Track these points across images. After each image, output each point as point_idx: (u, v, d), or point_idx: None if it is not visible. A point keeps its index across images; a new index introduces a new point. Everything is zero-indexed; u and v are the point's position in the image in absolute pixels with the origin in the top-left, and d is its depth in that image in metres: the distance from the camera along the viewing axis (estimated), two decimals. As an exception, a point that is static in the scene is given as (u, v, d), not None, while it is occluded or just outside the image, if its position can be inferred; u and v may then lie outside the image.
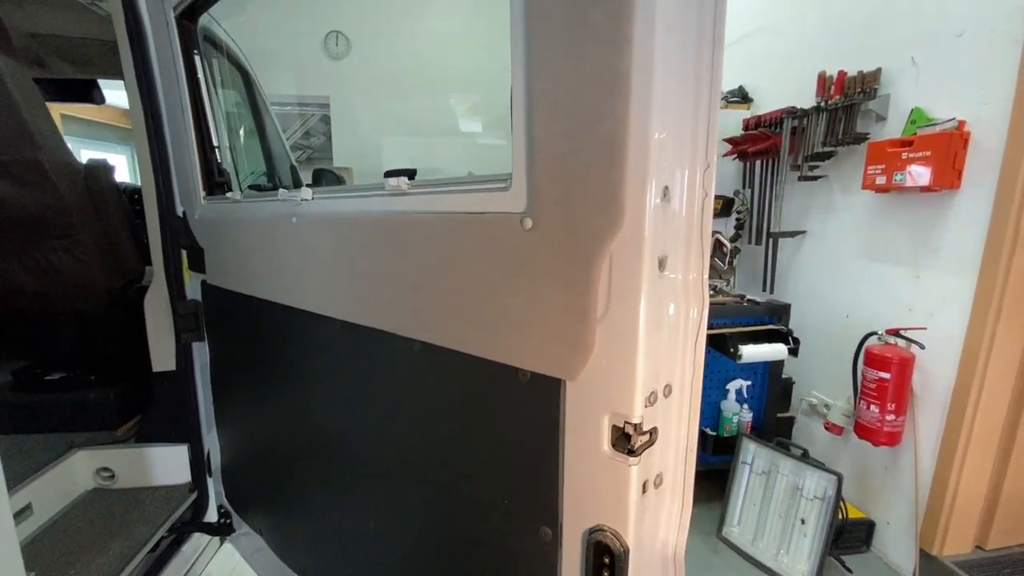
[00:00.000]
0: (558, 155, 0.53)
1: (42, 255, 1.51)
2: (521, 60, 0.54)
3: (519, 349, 0.61)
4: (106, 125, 6.18)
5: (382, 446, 0.87)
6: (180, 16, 1.20)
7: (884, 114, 2.13)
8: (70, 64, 2.09)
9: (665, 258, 0.51)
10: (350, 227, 0.83)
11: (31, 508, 1.39)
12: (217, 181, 1.33)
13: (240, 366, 1.34)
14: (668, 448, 0.57)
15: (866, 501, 2.26)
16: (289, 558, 1.24)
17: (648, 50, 0.45)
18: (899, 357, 1.96)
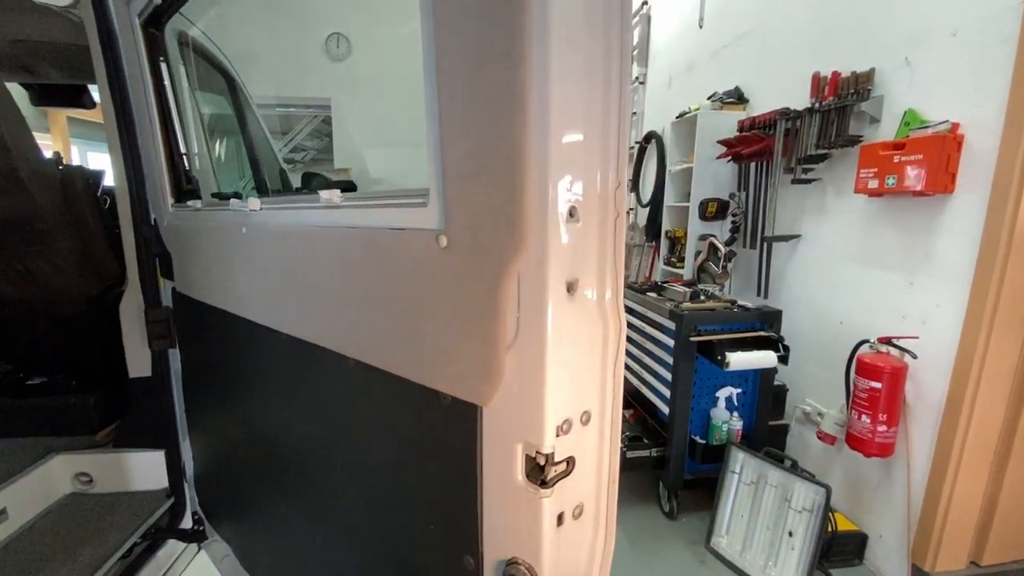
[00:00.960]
0: (466, 174, 0.50)
1: (19, 261, 1.52)
2: (432, 76, 0.52)
3: (440, 372, 0.59)
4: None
5: (325, 463, 0.86)
6: (145, 23, 1.20)
7: (877, 116, 2.08)
8: (58, 70, 2.10)
9: (576, 281, 0.49)
10: (292, 239, 0.82)
11: (6, 512, 1.40)
12: (186, 188, 1.32)
13: (205, 375, 1.33)
14: (587, 478, 0.54)
15: (858, 513, 2.21)
16: (249, 565, 1.24)
17: (544, 66, 0.42)
18: (891, 366, 1.91)
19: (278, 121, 6.20)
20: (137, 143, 1.38)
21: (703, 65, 3.53)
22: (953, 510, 1.85)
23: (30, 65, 2.04)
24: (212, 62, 1.90)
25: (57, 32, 1.81)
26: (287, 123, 6.25)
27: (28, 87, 2.30)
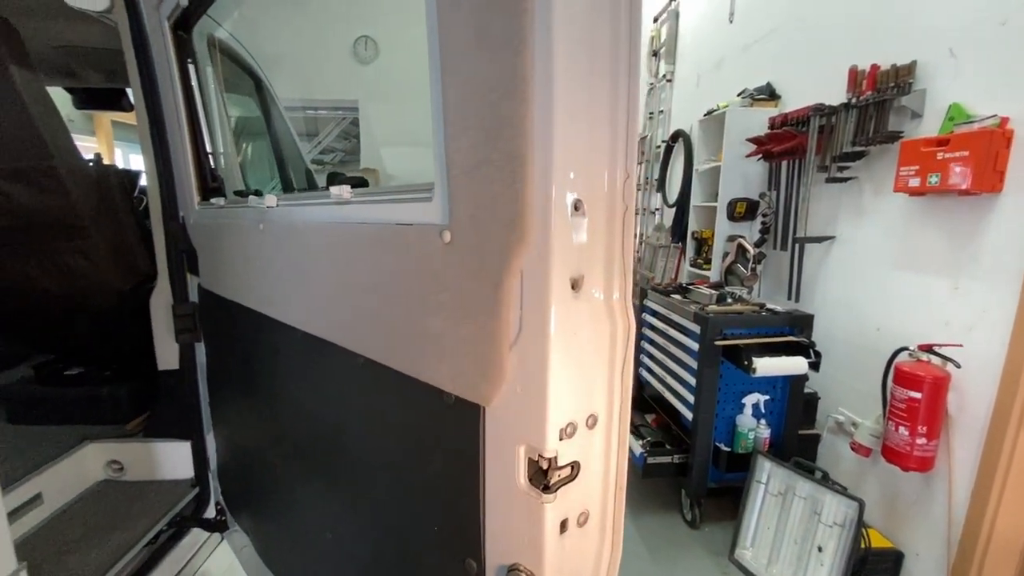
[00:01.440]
0: (469, 167, 0.49)
1: (58, 257, 1.59)
2: (436, 67, 0.50)
3: (444, 371, 0.58)
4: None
5: (335, 459, 0.86)
6: (174, 26, 1.23)
7: (919, 111, 1.97)
8: (98, 73, 2.20)
9: (580, 278, 0.47)
10: (305, 235, 0.82)
11: (41, 497, 1.46)
12: (211, 187, 1.36)
13: (227, 369, 1.36)
14: (594, 484, 0.52)
15: (894, 529, 2.10)
16: (267, 558, 1.25)
17: (547, 52, 0.40)
18: (932, 376, 1.80)
19: (308, 123, 6.35)
20: (167, 143, 1.43)
21: (733, 61, 3.43)
22: (998, 530, 1.73)
23: (72, 69, 2.15)
24: (240, 64, 1.95)
25: (95, 37, 1.89)
26: (316, 125, 6.39)
27: (71, 91, 2.42)
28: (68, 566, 1.29)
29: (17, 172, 1.45)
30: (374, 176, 5.84)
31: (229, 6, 1.24)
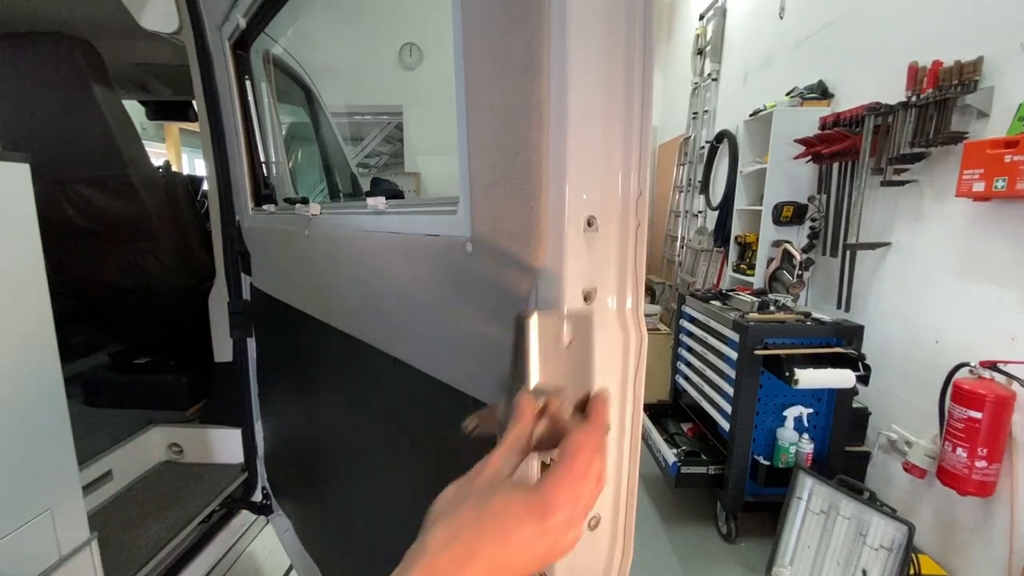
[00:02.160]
0: (489, 183, 0.52)
1: (131, 256, 1.75)
2: (461, 89, 0.54)
3: (467, 375, 0.61)
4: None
5: (367, 452, 0.91)
6: (234, 46, 1.33)
7: (986, 110, 1.83)
8: (168, 87, 2.40)
9: (593, 290, 0.48)
10: (345, 242, 0.88)
11: (111, 475, 1.61)
12: (264, 193, 1.45)
13: (275, 363, 1.46)
14: (605, 490, 0.53)
15: (949, 556, 1.96)
16: (307, 543, 1.33)
17: (562, 77, 0.43)
18: (995, 394, 1.68)
19: (354, 128, 6.59)
20: (226, 152, 1.55)
21: (783, 59, 3.31)
22: (1072, 566, 1.59)
23: (145, 84, 2.35)
24: (292, 76, 2.07)
25: (165, 54, 2.07)
26: (362, 130, 6.63)
27: (144, 103, 2.64)
28: (133, 538, 1.42)
29: (97, 180, 1.61)
30: (416, 180, 6.01)
31: (284, 25, 1.33)
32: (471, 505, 0.31)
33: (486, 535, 0.30)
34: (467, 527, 0.30)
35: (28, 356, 0.98)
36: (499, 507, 0.31)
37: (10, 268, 0.93)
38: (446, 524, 0.31)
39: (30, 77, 1.51)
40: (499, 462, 0.34)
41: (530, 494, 0.32)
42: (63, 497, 1.07)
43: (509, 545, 0.30)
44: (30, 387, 0.99)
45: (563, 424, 0.37)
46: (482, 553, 0.29)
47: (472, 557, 0.29)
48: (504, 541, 0.30)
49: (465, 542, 0.30)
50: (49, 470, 1.04)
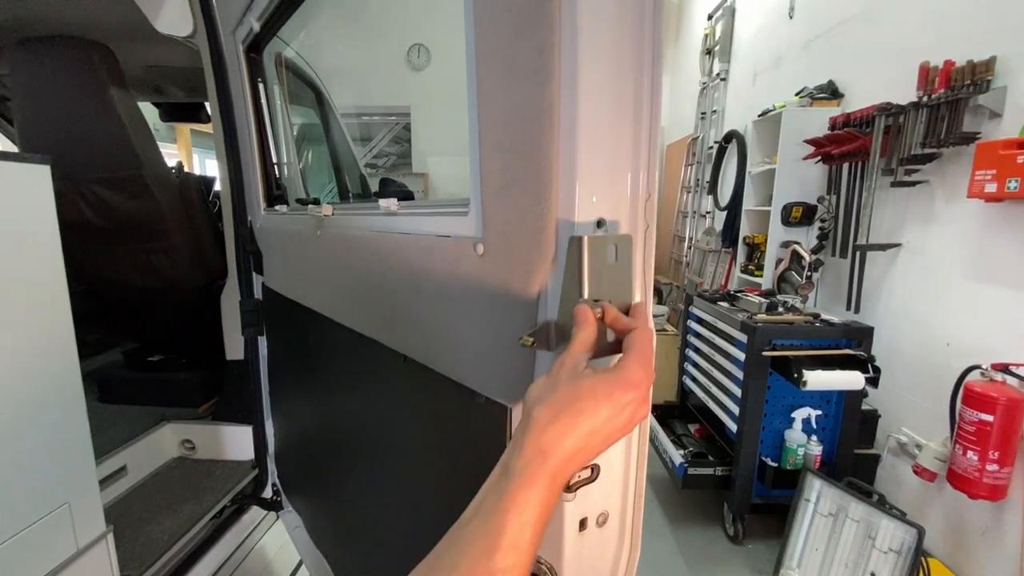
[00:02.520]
0: (500, 185, 0.53)
1: (145, 256, 1.78)
2: (473, 94, 0.55)
3: (475, 372, 0.62)
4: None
5: (380, 450, 0.92)
6: (247, 49, 1.35)
7: (999, 110, 1.82)
8: (181, 89, 2.43)
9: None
10: (357, 243, 0.89)
11: (126, 469, 1.64)
12: (275, 194, 1.48)
13: (286, 362, 1.48)
14: (614, 487, 0.54)
15: (960, 561, 1.94)
16: (316, 539, 1.35)
17: (572, 82, 0.44)
18: (1007, 397, 1.66)
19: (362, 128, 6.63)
20: (238, 153, 1.57)
21: (792, 58, 3.29)
22: (1085, 572, 1.57)
23: (158, 86, 2.39)
24: (302, 77, 2.10)
25: (180, 58, 2.10)
26: (371, 130, 6.67)
27: (157, 105, 2.68)
28: (147, 532, 1.45)
29: (113, 180, 1.64)
30: (424, 180, 6.03)
31: (296, 28, 1.35)
32: (564, 390, 0.37)
33: (581, 411, 0.36)
34: (564, 406, 0.37)
35: (48, 353, 1.01)
36: (587, 389, 0.37)
37: (31, 267, 0.95)
38: (547, 405, 0.37)
39: (49, 80, 1.54)
40: (574, 360, 0.40)
41: (611, 377, 0.38)
42: (81, 491, 1.09)
43: (598, 417, 0.37)
44: (50, 384, 1.01)
45: (623, 324, 0.43)
46: (579, 424, 0.36)
47: (571, 428, 0.36)
48: (595, 415, 0.37)
49: (564, 417, 0.36)
50: (67, 465, 1.06)
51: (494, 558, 0.33)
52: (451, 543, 0.36)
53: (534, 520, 0.34)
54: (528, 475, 0.35)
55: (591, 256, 0.44)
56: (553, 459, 0.35)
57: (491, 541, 0.33)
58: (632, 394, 0.38)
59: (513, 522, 0.34)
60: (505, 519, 0.34)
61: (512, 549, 0.33)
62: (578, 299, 0.45)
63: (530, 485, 0.35)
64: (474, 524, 0.35)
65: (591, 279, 0.45)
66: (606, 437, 0.38)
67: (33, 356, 0.94)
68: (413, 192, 1.14)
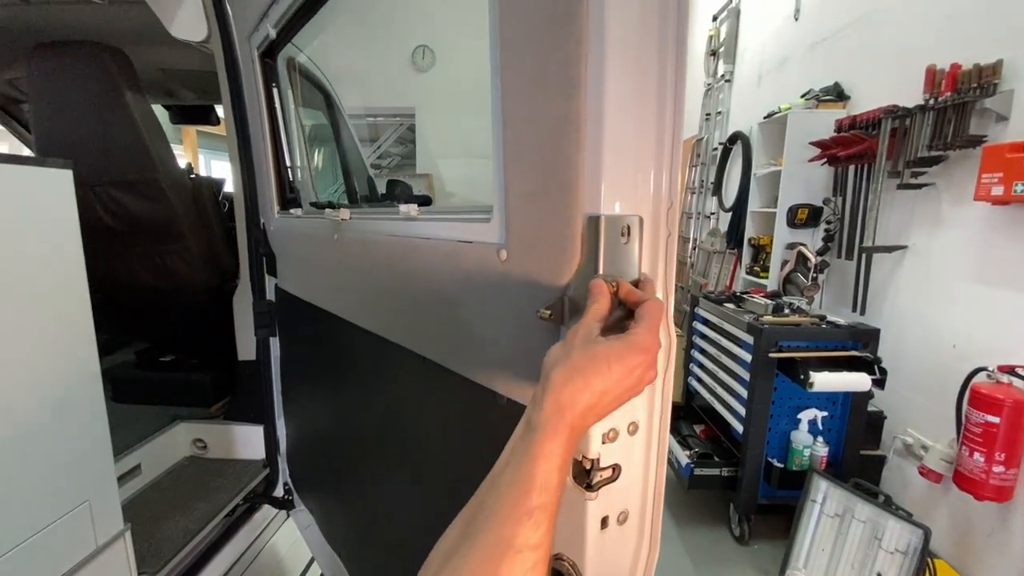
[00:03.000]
0: (525, 194, 0.54)
1: (159, 258, 1.80)
2: (498, 106, 0.56)
3: (497, 374, 0.64)
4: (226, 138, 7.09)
5: (397, 450, 0.94)
6: (262, 55, 1.37)
7: (1005, 113, 1.82)
8: (192, 92, 2.46)
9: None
10: (375, 246, 0.91)
11: (140, 468, 1.66)
12: (289, 197, 1.50)
13: (299, 362, 1.50)
14: (633, 486, 0.56)
15: (966, 562, 1.95)
16: (330, 537, 1.37)
17: (598, 98, 0.45)
18: (1013, 399, 1.67)
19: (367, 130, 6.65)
20: (252, 157, 1.59)
21: (797, 60, 3.30)
22: (1092, 573, 1.58)
23: (170, 89, 2.41)
24: (312, 80, 2.12)
25: (192, 61, 2.12)
26: (375, 131, 6.69)
27: (168, 107, 2.71)
28: (162, 530, 1.47)
29: (128, 183, 1.66)
30: (428, 181, 6.06)
31: (311, 34, 1.37)
32: (577, 354, 0.41)
33: (594, 372, 0.40)
34: (578, 367, 0.41)
35: (70, 354, 1.03)
36: (601, 353, 0.41)
37: (54, 270, 0.97)
38: (562, 367, 0.41)
39: (65, 84, 1.56)
40: (587, 328, 0.44)
41: (622, 342, 0.42)
42: (100, 489, 1.11)
43: (611, 378, 0.41)
44: (72, 384, 1.03)
45: (636, 296, 0.47)
46: (592, 384, 0.40)
47: (585, 387, 0.40)
48: (607, 376, 0.41)
49: (579, 378, 0.40)
50: (87, 463, 1.08)
51: (530, 497, 0.38)
52: (489, 489, 0.41)
53: (558, 466, 0.39)
54: (550, 428, 0.39)
55: (606, 235, 0.47)
56: (570, 414, 0.40)
57: (525, 484, 0.38)
58: (641, 358, 0.42)
59: (542, 467, 0.38)
60: (535, 465, 0.39)
61: (543, 490, 0.38)
62: (593, 275, 0.48)
63: (552, 436, 0.39)
64: (508, 471, 0.40)
65: (606, 256, 0.48)
66: (618, 396, 0.42)
67: (56, 357, 0.96)
68: (429, 197, 1.16)
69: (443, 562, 0.39)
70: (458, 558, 0.37)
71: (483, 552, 0.37)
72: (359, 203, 2.16)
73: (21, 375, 0.89)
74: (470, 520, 0.40)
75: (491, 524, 0.38)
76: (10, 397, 0.87)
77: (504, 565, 0.36)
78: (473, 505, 0.42)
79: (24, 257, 0.90)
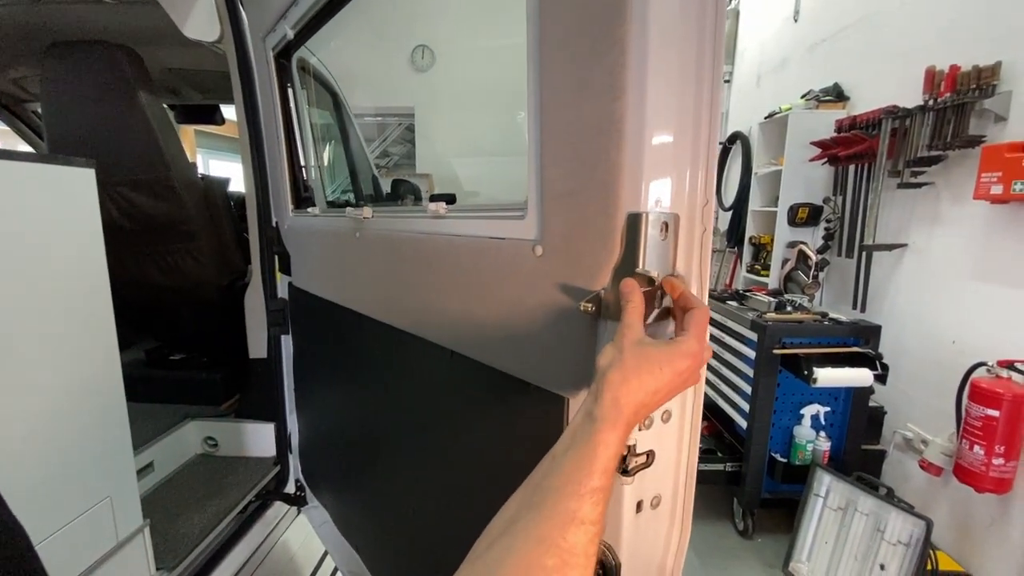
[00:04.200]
0: (563, 192, 0.57)
1: (170, 256, 1.81)
2: (535, 106, 0.59)
3: (531, 366, 0.66)
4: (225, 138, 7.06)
5: (421, 442, 0.96)
6: (278, 55, 1.39)
7: (1004, 114, 1.86)
8: (197, 92, 2.47)
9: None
10: (400, 244, 0.93)
11: (153, 466, 1.67)
12: (303, 196, 1.51)
13: (314, 359, 1.51)
14: (667, 472, 0.58)
15: (965, 553, 1.99)
16: (347, 533, 1.39)
17: (640, 100, 0.48)
18: (1012, 393, 1.71)
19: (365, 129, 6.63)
20: (264, 157, 1.60)
21: (797, 61, 3.33)
22: (1089, 562, 1.62)
23: (177, 88, 2.42)
24: (321, 81, 2.13)
25: (200, 61, 2.13)
26: (374, 131, 6.68)
27: (172, 107, 2.71)
28: (178, 527, 1.48)
29: (141, 183, 1.67)
30: (428, 181, 6.06)
31: (327, 35, 1.38)
32: (629, 356, 0.45)
33: (648, 373, 0.45)
34: (631, 369, 0.45)
35: (92, 352, 1.04)
36: (653, 356, 0.45)
37: (78, 269, 0.99)
38: (618, 368, 0.45)
39: (79, 84, 1.57)
40: (633, 330, 0.47)
41: (672, 348, 0.46)
42: (121, 485, 1.13)
43: (662, 379, 0.45)
44: (94, 381, 1.04)
45: (689, 301, 0.50)
46: (646, 384, 0.45)
47: (640, 388, 0.44)
48: (659, 377, 0.45)
49: (634, 379, 0.44)
50: (109, 460, 1.10)
51: (592, 478, 0.42)
52: (551, 468, 0.44)
53: (614, 455, 0.44)
54: (610, 420, 0.43)
55: (647, 232, 0.50)
56: (627, 409, 0.44)
57: (588, 467, 0.42)
58: (689, 363, 0.46)
59: (602, 453, 0.43)
60: (596, 451, 0.43)
61: (603, 473, 0.42)
62: (633, 271, 0.51)
63: (612, 428, 0.43)
64: (572, 454, 0.43)
65: (645, 252, 0.51)
66: (666, 394, 0.47)
67: (78, 355, 0.97)
68: (454, 195, 1.17)
69: (506, 527, 0.42)
70: (522, 523, 0.41)
71: (550, 520, 0.40)
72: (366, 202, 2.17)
73: (48, 374, 0.90)
74: (531, 493, 0.44)
75: (556, 497, 0.41)
76: (38, 396, 0.88)
77: (570, 531, 0.39)
78: (533, 482, 0.46)
79: (51, 257, 0.92)
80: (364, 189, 2.42)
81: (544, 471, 0.45)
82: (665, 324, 0.54)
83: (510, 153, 4.50)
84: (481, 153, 4.88)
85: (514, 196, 0.68)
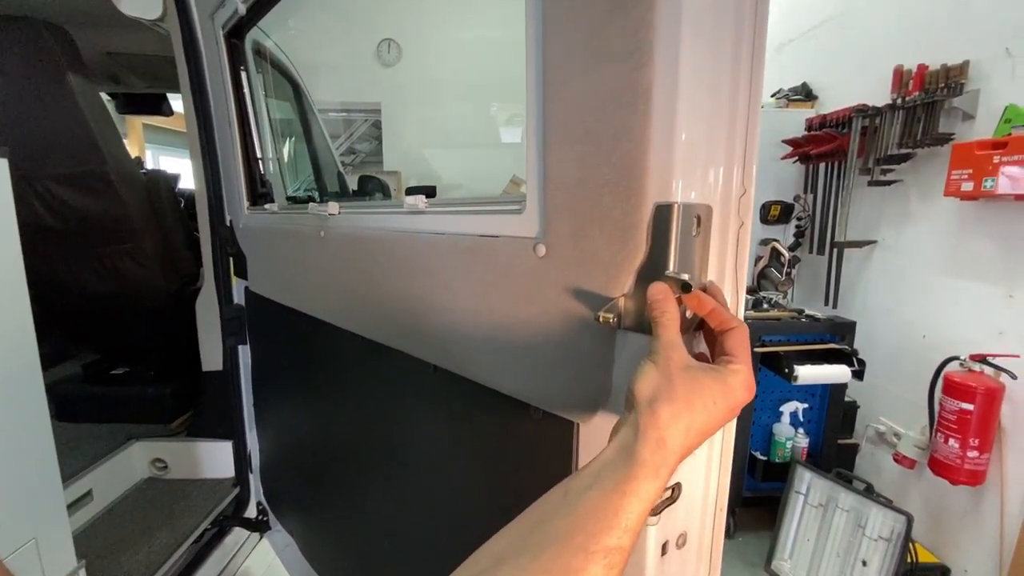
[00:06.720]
0: (573, 180, 0.48)
1: (107, 259, 1.62)
2: (535, 82, 0.50)
3: (531, 385, 0.57)
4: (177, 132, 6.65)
5: (396, 465, 0.85)
6: (228, 34, 1.25)
7: (972, 112, 1.90)
8: (141, 79, 2.25)
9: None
10: (372, 244, 0.82)
11: (91, 495, 1.49)
12: (260, 192, 1.37)
13: (275, 372, 1.37)
14: (693, 506, 0.50)
15: (941, 544, 2.03)
16: (312, 558, 1.26)
17: (672, 65, 0.39)
18: (985, 386, 1.74)
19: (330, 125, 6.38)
20: (216, 149, 1.45)
21: (766, 61, 3.37)
22: (1057, 549, 1.66)
23: (117, 75, 2.20)
24: (280, 69, 1.98)
25: (143, 44, 1.93)
26: (339, 127, 6.44)
27: (113, 96, 2.48)
28: (121, 564, 1.32)
29: (72, 177, 1.49)
30: (397, 179, 5.87)
31: (281, 14, 1.25)
32: (680, 385, 0.38)
33: (701, 408, 0.38)
34: (684, 401, 0.37)
35: (9, 370, 0.89)
36: (707, 387, 0.38)
37: (-12, 273, 0.84)
38: (668, 401, 0.37)
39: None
40: (678, 351, 0.40)
41: (730, 377, 0.39)
42: (48, 523, 0.98)
43: (716, 415, 0.39)
44: (11, 403, 0.89)
45: (723, 319, 0.42)
46: (697, 422, 0.38)
47: (692, 426, 0.37)
48: (713, 412, 0.38)
49: (687, 414, 0.37)
50: (32, 494, 0.95)
51: (611, 534, 0.33)
52: (559, 509, 0.36)
53: (646, 509, 0.35)
54: (651, 467, 0.36)
55: (679, 226, 0.42)
56: (673, 454, 0.37)
57: (610, 518, 0.34)
58: (744, 396, 0.40)
59: (633, 505, 0.34)
60: (624, 500, 0.34)
61: (627, 531, 0.34)
62: (662, 273, 0.42)
63: (653, 477, 0.35)
64: (590, 498, 0.35)
65: (677, 251, 0.42)
66: (711, 434, 0.40)
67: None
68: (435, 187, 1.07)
69: (491, 565, 0.35)
70: (509, 568, 0.33)
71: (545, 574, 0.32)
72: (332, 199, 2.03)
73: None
74: (530, 531, 0.36)
75: (559, 548, 0.33)
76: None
77: None
78: (534, 517, 0.38)
79: (-51, 259, 0.77)
80: (329, 186, 2.27)
81: (551, 508, 0.37)
82: (695, 343, 0.46)
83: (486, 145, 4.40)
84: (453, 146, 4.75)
85: (494, 190, 0.59)
